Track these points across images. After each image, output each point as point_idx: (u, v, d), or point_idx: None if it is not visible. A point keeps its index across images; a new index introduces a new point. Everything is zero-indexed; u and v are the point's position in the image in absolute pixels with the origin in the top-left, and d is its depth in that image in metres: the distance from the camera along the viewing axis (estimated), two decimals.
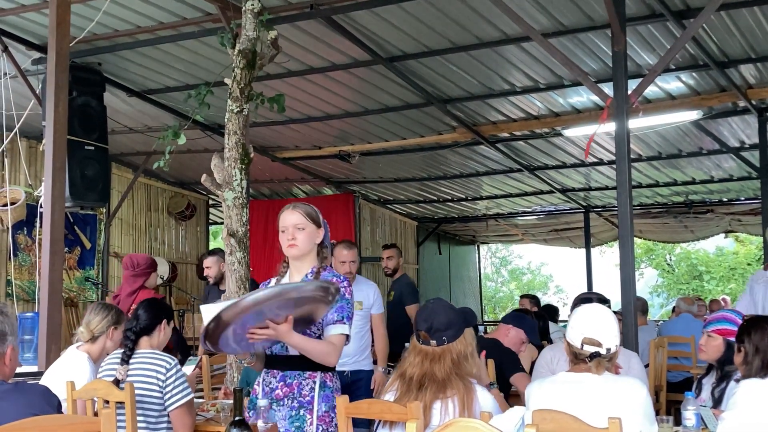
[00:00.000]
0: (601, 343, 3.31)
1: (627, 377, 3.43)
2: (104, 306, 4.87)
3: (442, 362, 3.28)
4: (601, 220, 15.74)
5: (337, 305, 3.37)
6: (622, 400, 3.18)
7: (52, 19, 6.17)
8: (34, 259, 9.97)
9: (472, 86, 8.77)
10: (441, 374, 3.26)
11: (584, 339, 3.33)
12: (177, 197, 12.96)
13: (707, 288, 26.53)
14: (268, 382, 3.51)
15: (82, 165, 8.05)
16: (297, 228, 3.53)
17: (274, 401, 3.45)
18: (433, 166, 12.16)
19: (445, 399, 3.22)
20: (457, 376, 3.25)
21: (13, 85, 8.13)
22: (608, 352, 3.32)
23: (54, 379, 4.37)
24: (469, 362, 3.32)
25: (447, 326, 3.32)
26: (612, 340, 3.33)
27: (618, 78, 5.86)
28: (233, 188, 5.78)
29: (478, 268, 19.89)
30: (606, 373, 3.31)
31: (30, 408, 2.78)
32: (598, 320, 3.39)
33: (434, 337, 3.31)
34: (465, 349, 3.32)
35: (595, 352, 3.30)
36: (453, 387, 3.23)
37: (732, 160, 11.12)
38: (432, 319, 3.34)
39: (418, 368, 3.29)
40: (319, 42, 7.70)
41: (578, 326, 3.38)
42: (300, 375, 3.44)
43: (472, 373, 3.32)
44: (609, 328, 3.35)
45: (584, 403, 3.18)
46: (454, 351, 3.30)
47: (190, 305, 10.72)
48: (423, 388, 3.25)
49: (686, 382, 7.28)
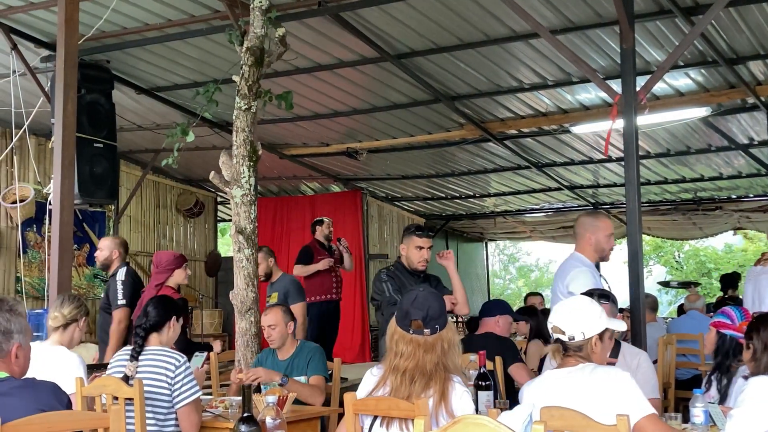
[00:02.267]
0: (564, 330, 3.35)
1: (606, 366, 3.41)
2: (75, 297, 4.99)
3: (434, 351, 3.27)
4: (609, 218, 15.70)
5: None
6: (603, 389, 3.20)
7: (60, 17, 6.19)
8: (43, 255, 10.01)
9: (480, 83, 8.76)
10: (430, 365, 3.25)
11: (552, 327, 3.40)
12: (185, 194, 12.99)
13: (716, 285, 26.43)
14: None
15: (91, 162, 8.07)
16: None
17: None
18: (440, 163, 12.16)
19: (427, 392, 3.23)
20: (444, 368, 3.26)
21: (22, 83, 8.16)
22: (571, 339, 3.34)
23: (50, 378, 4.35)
24: (454, 351, 3.34)
25: (440, 314, 3.32)
26: (576, 327, 3.34)
27: (626, 75, 5.84)
28: (241, 185, 5.78)
29: (486, 266, 19.88)
30: (586, 364, 3.31)
31: (40, 404, 2.79)
32: (567, 309, 3.45)
33: (428, 326, 3.29)
34: (453, 337, 3.35)
35: (557, 339, 3.37)
36: (437, 381, 3.23)
37: (741, 157, 11.08)
38: (427, 308, 3.31)
39: (412, 360, 3.28)
40: (327, 39, 7.70)
41: (551, 314, 3.48)
42: None
43: (456, 363, 3.33)
44: (576, 317, 3.37)
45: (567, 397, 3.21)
46: (445, 339, 3.31)
47: (198, 302, 10.75)
48: (413, 382, 3.25)
49: (695, 379, 7.26)
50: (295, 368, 5.19)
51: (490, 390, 4.14)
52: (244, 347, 5.79)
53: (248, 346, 5.78)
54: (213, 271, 13.27)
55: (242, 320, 5.80)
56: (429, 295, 3.38)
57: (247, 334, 5.78)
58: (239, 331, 5.82)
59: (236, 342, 5.87)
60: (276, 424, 3.35)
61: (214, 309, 12.21)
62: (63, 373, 4.44)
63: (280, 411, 3.47)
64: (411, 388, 3.23)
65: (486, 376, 4.16)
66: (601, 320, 3.40)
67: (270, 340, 5.28)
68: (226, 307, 10.97)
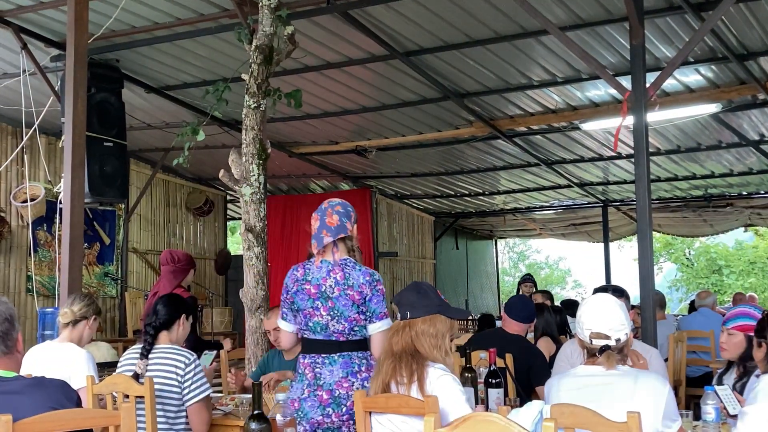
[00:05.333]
0: (609, 336, 3.28)
1: (649, 373, 3.39)
2: (86, 295, 5.06)
3: (401, 335, 3.36)
4: (619, 215, 15.67)
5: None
6: (643, 396, 3.15)
7: (70, 16, 6.20)
8: (53, 254, 10.05)
9: (489, 80, 8.75)
10: (396, 347, 3.34)
11: (591, 334, 3.31)
12: (195, 193, 13.03)
13: (727, 282, 26.36)
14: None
15: (101, 161, 8.10)
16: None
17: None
18: (450, 160, 12.14)
19: (400, 372, 3.28)
20: (415, 352, 3.31)
21: (33, 82, 8.19)
22: (618, 342, 3.29)
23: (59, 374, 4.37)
24: (428, 340, 3.34)
25: (412, 303, 3.40)
26: (619, 330, 3.29)
27: (636, 71, 5.83)
28: (251, 184, 5.79)
29: (496, 263, 19.87)
30: (622, 366, 3.27)
31: (49, 402, 2.79)
32: (602, 312, 3.35)
33: (401, 311, 3.43)
34: (428, 327, 3.36)
35: (605, 346, 3.27)
36: (406, 364, 3.29)
37: (752, 154, 11.03)
38: (403, 297, 3.47)
39: (387, 342, 3.44)
40: (336, 37, 7.70)
41: (585, 321, 3.36)
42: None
43: (432, 353, 3.33)
44: (614, 319, 3.31)
45: (604, 397, 3.16)
46: (415, 326, 3.36)
47: (208, 300, 10.78)
48: (385, 361, 3.35)
49: (706, 376, 7.24)
50: None
51: (501, 387, 4.14)
52: (254, 345, 5.80)
53: (258, 344, 5.79)
54: (223, 269, 13.30)
55: (252, 318, 5.81)
56: (411, 286, 3.53)
57: (257, 332, 5.79)
58: (249, 329, 5.84)
59: (246, 340, 5.88)
60: (286, 421, 3.35)
61: (224, 307, 12.24)
62: (72, 369, 4.47)
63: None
64: (384, 367, 3.34)
65: (496, 373, 4.16)
66: (629, 316, 3.40)
67: (277, 342, 5.23)
68: (236, 305, 10.98)
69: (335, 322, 3.73)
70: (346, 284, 3.75)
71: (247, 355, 5.85)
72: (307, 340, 3.83)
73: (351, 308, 3.71)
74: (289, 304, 3.88)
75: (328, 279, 3.76)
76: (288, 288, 3.86)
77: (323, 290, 3.75)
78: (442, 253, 16.56)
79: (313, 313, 3.76)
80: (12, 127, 9.93)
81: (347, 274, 3.76)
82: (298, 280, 3.82)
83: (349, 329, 3.73)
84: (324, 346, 3.75)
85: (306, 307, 3.78)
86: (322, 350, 3.76)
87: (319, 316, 3.74)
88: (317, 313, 3.75)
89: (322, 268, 3.79)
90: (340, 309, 3.72)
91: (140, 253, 11.85)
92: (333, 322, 3.73)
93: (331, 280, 3.76)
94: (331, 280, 3.76)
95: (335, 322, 3.73)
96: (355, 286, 3.74)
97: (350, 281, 3.75)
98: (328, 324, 3.73)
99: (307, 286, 3.79)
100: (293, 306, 3.86)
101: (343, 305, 3.72)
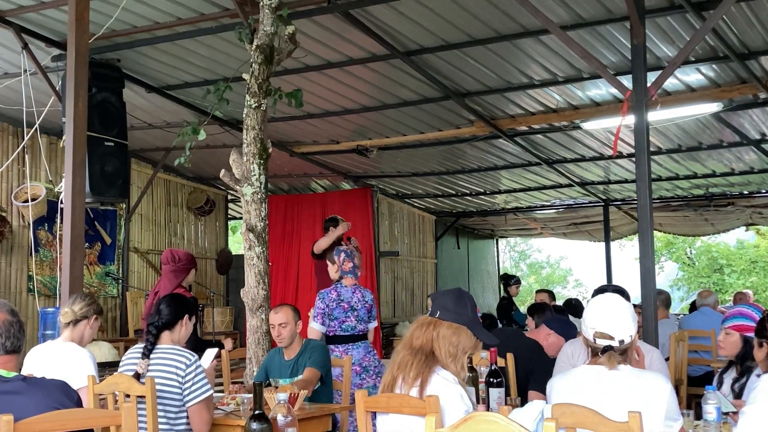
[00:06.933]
0: (613, 336, 3.26)
1: (651, 372, 3.38)
2: (87, 295, 5.05)
3: (425, 330, 3.33)
4: (620, 214, 15.66)
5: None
6: (644, 395, 3.15)
7: (71, 16, 6.21)
8: (55, 254, 10.06)
9: (490, 80, 8.74)
10: (417, 342, 3.32)
11: (595, 333, 3.30)
12: (196, 192, 13.03)
13: (728, 281, 26.31)
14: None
15: (102, 161, 8.10)
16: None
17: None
18: (451, 160, 12.14)
19: (410, 367, 3.28)
20: (429, 353, 3.28)
21: (33, 82, 8.20)
22: (621, 344, 3.27)
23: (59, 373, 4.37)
24: (448, 346, 3.29)
25: (447, 307, 3.35)
26: (624, 331, 3.27)
27: (637, 70, 5.83)
28: (252, 183, 5.80)
29: (497, 263, 19.85)
30: (624, 366, 3.26)
31: (50, 402, 2.79)
32: (607, 312, 3.33)
33: (432, 308, 3.40)
34: (452, 337, 3.30)
35: (608, 346, 3.26)
36: (419, 360, 3.27)
37: (753, 153, 11.02)
38: (440, 296, 3.44)
39: (409, 330, 3.42)
40: (337, 36, 7.70)
41: (590, 319, 3.34)
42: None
43: (446, 360, 3.28)
44: (619, 320, 3.29)
45: (605, 396, 3.16)
46: (439, 328, 3.32)
47: (209, 300, 10.78)
48: (402, 350, 3.37)
49: (707, 376, 7.23)
50: (301, 367, 5.19)
51: (502, 387, 4.14)
52: (255, 345, 5.80)
53: (259, 344, 5.80)
54: (224, 268, 13.30)
55: (253, 318, 5.82)
56: (455, 291, 3.47)
57: (258, 331, 5.79)
58: (250, 328, 5.84)
59: (247, 339, 5.89)
60: (287, 421, 3.35)
61: (225, 307, 12.24)
62: (73, 369, 4.47)
63: (291, 408, 3.47)
64: (399, 356, 3.34)
65: (497, 373, 4.16)
66: (636, 320, 3.37)
67: (280, 338, 5.27)
68: (237, 305, 10.99)
69: (358, 324, 6.24)
70: (363, 301, 6.32)
71: (248, 354, 5.85)
72: (340, 336, 6.17)
73: (365, 315, 6.29)
74: (328, 314, 6.15)
75: (353, 298, 6.27)
76: (327, 303, 6.18)
77: (352, 305, 6.24)
78: (443, 252, 16.55)
79: (345, 320, 6.18)
80: (13, 127, 9.94)
81: (363, 295, 6.35)
82: (334, 299, 6.21)
83: (363, 327, 6.29)
84: (352, 339, 6.19)
85: (341, 316, 6.18)
86: (350, 341, 6.18)
87: (350, 321, 6.19)
88: (348, 320, 6.19)
89: (349, 290, 6.30)
90: (361, 316, 6.27)
91: (141, 252, 11.86)
92: (357, 324, 6.24)
93: (355, 298, 6.29)
94: (355, 298, 6.29)
95: (358, 324, 6.24)
96: (368, 302, 6.36)
97: (365, 299, 6.33)
98: (355, 326, 6.23)
99: (343, 304, 6.21)
100: (330, 316, 6.15)
101: (363, 314, 6.28)
